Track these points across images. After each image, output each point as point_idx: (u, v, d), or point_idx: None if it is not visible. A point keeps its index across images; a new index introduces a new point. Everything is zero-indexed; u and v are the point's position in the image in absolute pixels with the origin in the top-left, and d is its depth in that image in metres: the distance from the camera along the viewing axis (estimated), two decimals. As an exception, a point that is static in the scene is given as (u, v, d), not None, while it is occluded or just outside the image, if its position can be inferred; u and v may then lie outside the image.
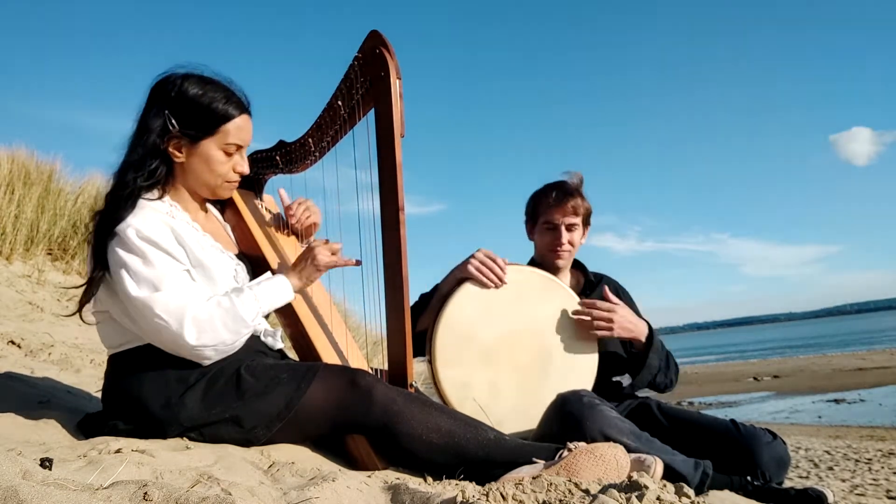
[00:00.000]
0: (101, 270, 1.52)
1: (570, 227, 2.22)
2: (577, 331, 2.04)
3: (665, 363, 2.15)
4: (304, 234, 2.04)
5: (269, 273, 1.72)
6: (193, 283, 1.55)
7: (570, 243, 2.22)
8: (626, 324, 2.05)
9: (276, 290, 1.64)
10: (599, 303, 2.04)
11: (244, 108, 1.65)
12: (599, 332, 2.02)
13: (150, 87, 1.62)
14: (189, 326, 1.46)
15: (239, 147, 1.65)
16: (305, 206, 2.01)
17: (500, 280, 1.97)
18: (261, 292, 1.60)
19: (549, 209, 2.23)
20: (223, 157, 1.63)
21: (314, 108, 1.85)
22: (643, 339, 2.09)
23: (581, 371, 2.04)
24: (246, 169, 1.70)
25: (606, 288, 2.12)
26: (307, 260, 1.70)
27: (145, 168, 1.57)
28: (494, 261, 1.98)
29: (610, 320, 2.01)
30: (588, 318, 2.01)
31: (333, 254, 1.71)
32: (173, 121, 1.57)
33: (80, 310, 1.58)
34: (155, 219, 1.54)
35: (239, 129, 1.63)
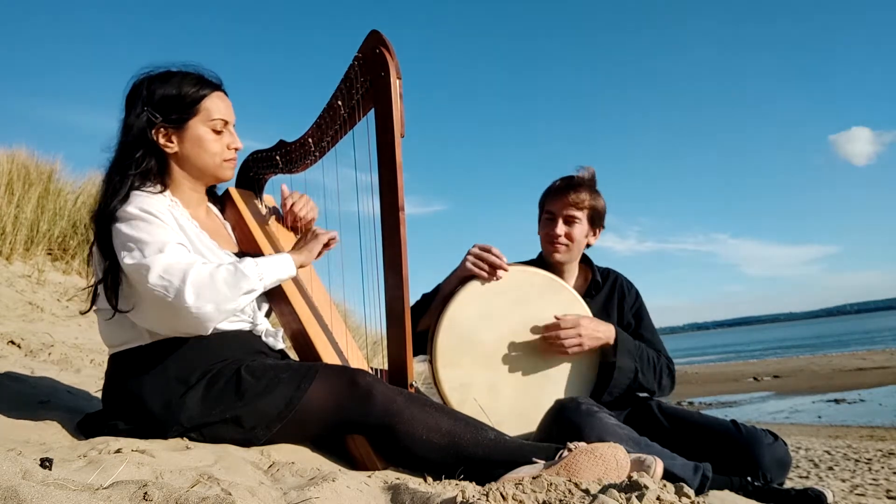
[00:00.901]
0: (109, 261, 1.51)
1: (568, 220, 2.15)
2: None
3: (646, 364, 2.08)
4: (303, 230, 2.04)
5: (263, 239, 1.77)
6: (191, 254, 1.55)
7: (569, 237, 2.15)
8: (594, 333, 1.99)
9: (277, 260, 1.66)
10: (562, 321, 1.98)
11: (216, 86, 1.68)
12: (571, 350, 1.97)
13: (124, 97, 1.65)
14: (189, 286, 1.43)
15: (226, 123, 1.68)
16: (305, 200, 2.02)
17: (500, 267, 1.95)
18: (262, 260, 1.62)
19: (549, 198, 2.20)
20: (213, 135, 1.66)
21: (314, 108, 1.87)
22: (612, 343, 2.03)
23: (581, 374, 2.03)
24: (239, 144, 1.72)
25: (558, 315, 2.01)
26: (306, 236, 1.79)
27: (131, 158, 1.59)
28: (490, 251, 1.96)
29: (578, 335, 1.97)
30: (558, 342, 1.96)
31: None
32: (155, 114, 1.60)
33: (115, 308, 1.54)
34: (155, 201, 1.56)
35: (218, 104, 1.66)
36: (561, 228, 2.15)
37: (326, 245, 1.81)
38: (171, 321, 1.49)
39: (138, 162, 1.60)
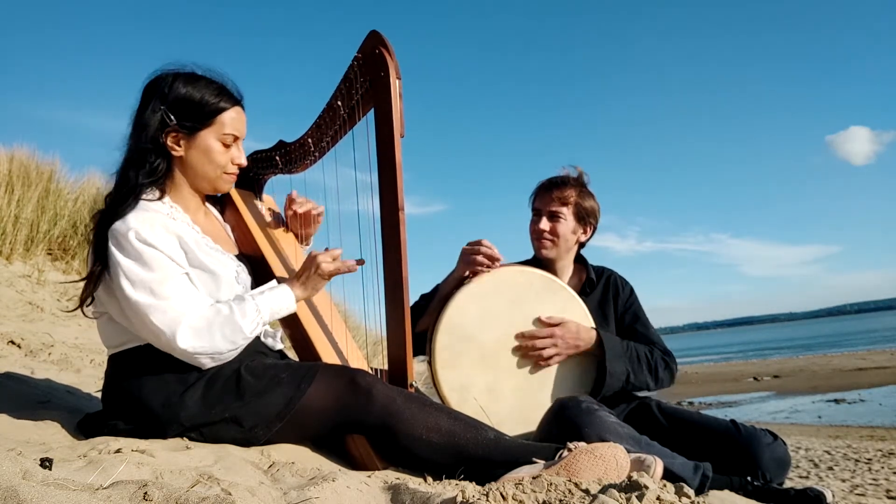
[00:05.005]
0: (100, 266, 1.52)
1: (553, 216, 2.17)
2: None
3: (637, 363, 2.07)
4: (304, 236, 2.03)
5: (273, 281, 1.69)
6: (193, 288, 1.55)
7: (553, 233, 2.17)
8: (572, 340, 1.98)
9: (279, 300, 1.63)
10: (538, 331, 1.97)
11: (237, 101, 1.67)
12: (551, 361, 1.97)
13: (143, 87, 1.63)
14: (183, 335, 1.46)
15: (236, 138, 1.67)
16: (311, 206, 2.01)
17: (493, 257, 1.96)
18: (263, 302, 1.59)
19: (535, 196, 2.24)
20: (221, 148, 1.65)
21: (314, 109, 1.86)
22: (592, 348, 2.02)
23: (581, 374, 2.03)
24: (244, 161, 1.71)
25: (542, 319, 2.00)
26: (310, 269, 1.67)
27: (146, 164, 1.58)
28: (480, 244, 1.97)
29: (554, 344, 1.96)
30: (535, 353, 1.96)
31: (335, 259, 1.69)
32: (170, 115, 1.58)
33: (81, 306, 1.58)
34: (155, 221, 1.54)
35: (234, 119, 1.65)
36: (545, 224, 2.17)
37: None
38: (167, 352, 1.52)
39: (152, 166, 1.59)
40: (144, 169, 1.57)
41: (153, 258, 1.49)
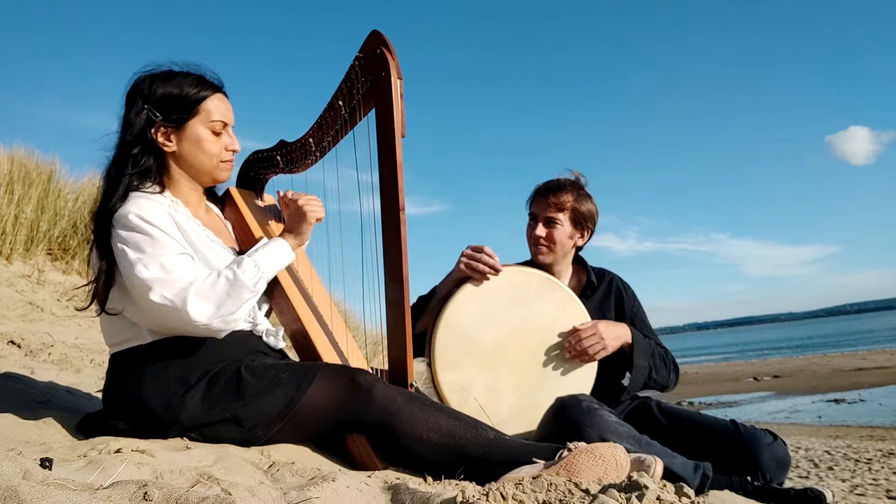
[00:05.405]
0: (106, 262, 1.52)
1: (549, 222, 2.16)
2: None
3: (658, 361, 2.11)
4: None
5: (265, 239, 1.74)
6: (193, 263, 1.56)
7: (549, 239, 2.16)
8: (614, 333, 2.02)
9: (275, 251, 1.68)
10: (581, 330, 1.99)
11: (218, 88, 1.69)
12: (598, 355, 2.00)
13: (124, 93, 1.65)
14: (193, 304, 1.46)
15: (225, 125, 1.68)
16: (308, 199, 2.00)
17: (494, 269, 1.95)
18: (260, 258, 1.63)
19: (532, 200, 2.23)
20: (212, 136, 1.66)
21: (315, 108, 1.85)
22: (630, 342, 2.07)
23: (581, 373, 2.03)
24: (237, 146, 1.73)
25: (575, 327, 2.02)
26: (294, 216, 1.77)
27: (129, 160, 1.59)
28: (482, 251, 1.97)
29: (601, 338, 1.98)
30: (580, 348, 1.98)
31: (307, 197, 1.78)
32: (155, 112, 1.60)
33: (102, 306, 1.57)
34: (156, 206, 1.56)
35: (218, 106, 1.67)
36: (541, 230, 2.16)
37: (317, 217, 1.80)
38: (180, 331, 1.52)
39: (136, 159, 1.60)
40: (128, 165, 1.59)
41: (155, 235, 1.50)
